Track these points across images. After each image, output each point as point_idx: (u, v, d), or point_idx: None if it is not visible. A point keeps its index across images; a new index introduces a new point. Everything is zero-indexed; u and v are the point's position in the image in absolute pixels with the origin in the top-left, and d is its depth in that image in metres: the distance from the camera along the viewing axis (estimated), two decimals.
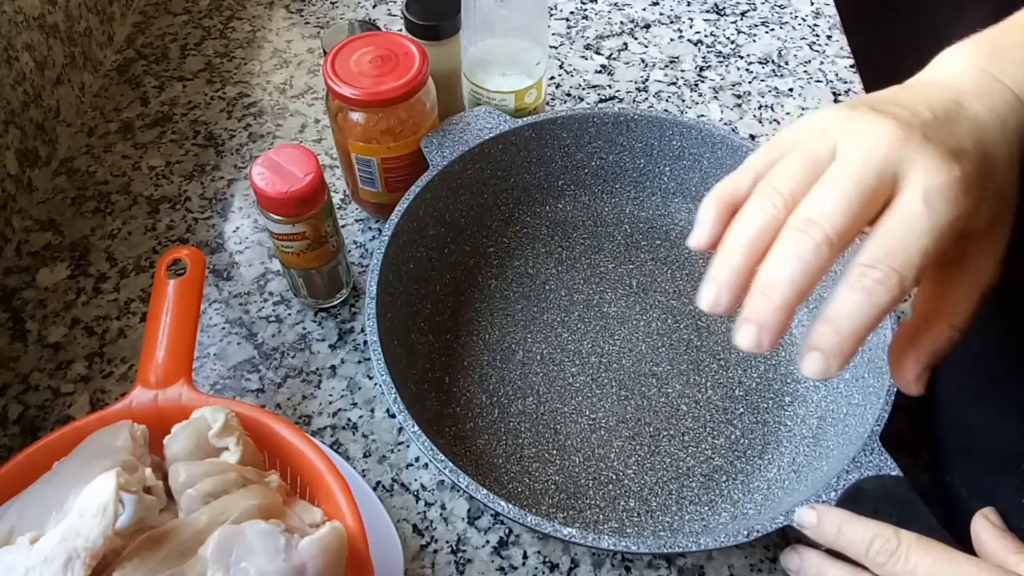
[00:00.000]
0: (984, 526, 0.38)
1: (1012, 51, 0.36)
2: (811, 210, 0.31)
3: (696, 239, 0.35)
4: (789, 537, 0.45)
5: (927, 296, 0.35)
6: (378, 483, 0.48)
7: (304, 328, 0.55)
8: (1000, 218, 0.33)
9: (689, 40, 0.75)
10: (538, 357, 0.53)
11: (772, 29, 0.75)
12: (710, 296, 0.33)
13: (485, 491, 0.40)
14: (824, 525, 0.39)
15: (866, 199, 0.30)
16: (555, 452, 0.49)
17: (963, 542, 0.38)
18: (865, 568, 0.37)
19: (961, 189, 0.30)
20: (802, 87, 0.70)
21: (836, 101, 0.69)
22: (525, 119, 0.56)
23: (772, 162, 0.34)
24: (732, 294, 0.32)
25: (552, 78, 0.71)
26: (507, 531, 0.47)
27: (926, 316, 0.34)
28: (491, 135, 0.55)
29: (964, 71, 0.36)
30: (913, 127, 0.31)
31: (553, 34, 0.75)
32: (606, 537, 0.39)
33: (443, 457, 0.41)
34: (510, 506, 0.40)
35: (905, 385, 0.35)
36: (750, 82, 0.71)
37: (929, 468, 0.48)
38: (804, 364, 0.31)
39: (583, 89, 0.70)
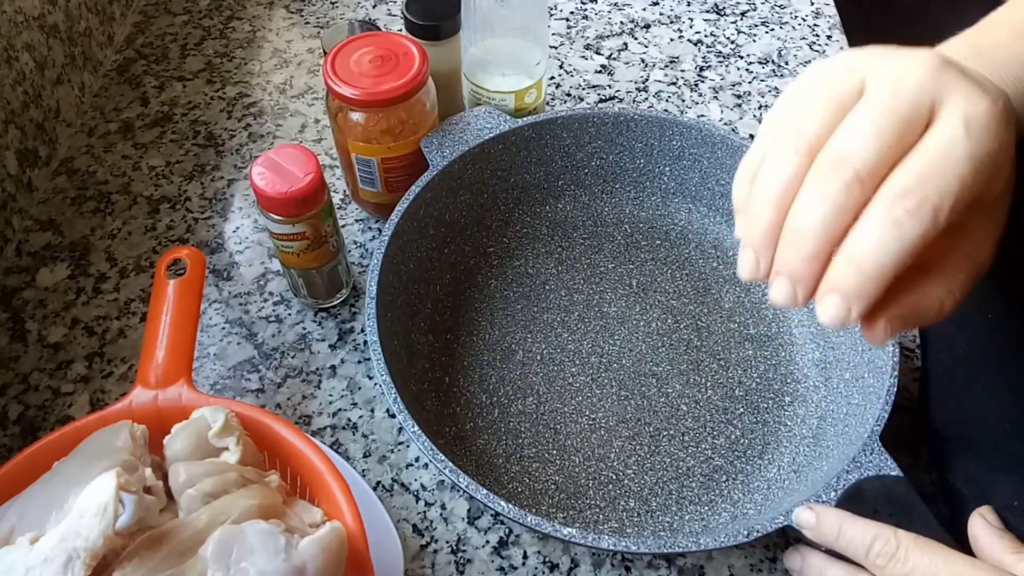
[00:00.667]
0: (981, 525, 0.38)
1: (995, 52, 0.35)
2: (838, 147, 0.28)
3: (754, 263, 0.31)
4: (789, 537, 0.45)
5: (930, 254, 0.31)
6: (378, 483, 0.48)
7: (304, 328, 0.55)
8: (1005, 195, 0.31)
9: (689, 40, 0.75)
10: (538, 357, 0.53)
11: (772, 29, 0.75)
12: (748, 263, 0.30)
13: (485, 491, 0.40)
14: (823, 526, 0.39)
15: (900, 130, 0.28)
16: (555, 452, 0.49)
17: (964, 542, 0.38)
18: (864, 568, 0.37)
19: (1003, 122, 0.28)
20: None
21: None
22: (525, 119, 0.56)
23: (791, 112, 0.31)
24: (770, 255, 0.30)
25: (552, 78, 0.71)
26: (507, 531, 0.47)
27: (926, 270, 0.31)
28: (491, 135, 0.55)
29: None
30: (950, 61, 0.29)
31: (553, 34, 0.75)
32: (606, 537, 0.39)
33: (443, 457, 0.41)
34: (510, 506, 0.40)
35: (871, 333, 0.31)
36: (750, 82, 0.71)
37: (930, 468, 0.48)
38: (821, 308, 0.28)
39: (583, 89, 0.70)
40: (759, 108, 0.69)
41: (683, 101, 0.69)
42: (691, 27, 0.76)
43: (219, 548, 0.34)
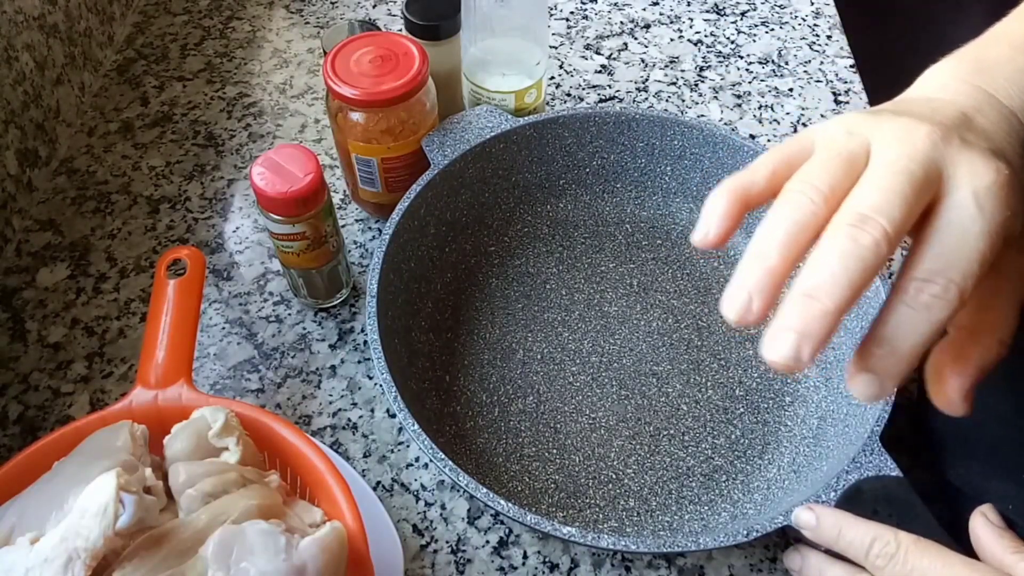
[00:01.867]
0: (982, 524, 0.38)
1: (999, 67, 0.35)
2: (862, 205, 0.28)
3: (702, 235, 0.31)
4: (789, 537, 0.45)
5: (969, 311, 0.32)
6: (378, 483, 0.48)
7: (304, 328, 0.55)
8: None
9: (689, 40, 0.75)
10: (538, 356, 0.53)
11: (772, 29, 0.75)
12: (739, 302, 0.28)
13: (485, 490, 0.40)
14: (823, 527, 0.39)
15: (918, 193, 0.28)
16: (555, 451, 0.49)
17: (964, 542, 0.38)
18: (864, 569, 0.37)
19: (1009, 188, 0.28)
20: (802, 87, 0.70)
21: (836, 101, 0.69)
22: (527, 118, 0.56)
23: (789, 159, 0.31)
24: (766, 300, 0.28)
25: (552, 78, 0.71)
26: (507, 531, 0.47)
27: (972, 331, 0.32)
28: (492, 134, 0.55)
29: (957, 87, 0.34)
30: (949, 128, 0.30)
31: (553, 34, 0.75)
32: (605, 536, 0.39)
33: (443, 456, 0.41)
34: (509, 505, 0.40)
35: (951, 405, 0.31)
36: (750, 82, 0.71)
37: (930, 468, 0.48)
38: (856, 388, 0.29)
39: (583, 89, 0.70)
40: (759, 108, 0.69)
41: (683, 101, 0.69)
42: (691, 27, 0.76)
43: (219, 548, 0.34)
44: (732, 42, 0.74)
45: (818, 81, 0.71)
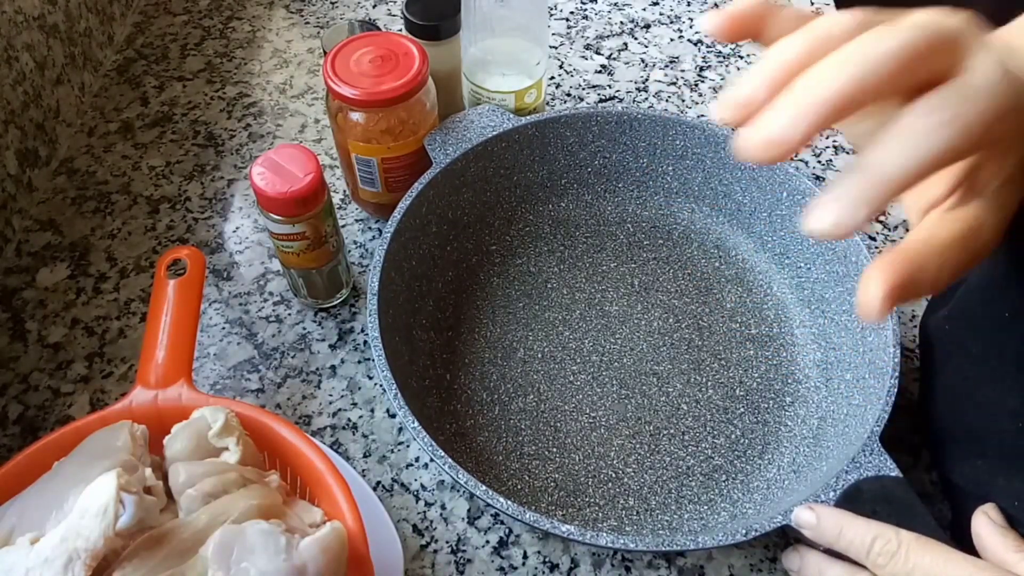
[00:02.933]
0: (985, 523, 0.38)
1: None
2: (876, 33, 0.26)
3: (715, 18, 0.29)
4: (789, 537, 0.45)
5: (917, 231, 0.31)
6: (378, 483, 0.48)
7: (304, 328, 0.55)
8: (1020, 174, 0.31)
9: (689, 40, 0.75)
10: (539, 355, 0.53)
11: None
12: (741, 91, 0.27)
13: (484, 487, 0.40)
14: (824, 526, 0.39)
15: (938, 44, 0.26)
16: (555, 450, 0.49)
17: (966, 541, 0.38)
18: (863, 567, 0.37)
19: (1020, 91, 0.27)
20: None
21: None
22: (529, 117, 0.56)
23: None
24: (770, 86, 0.26)
25: (552, 78, 0.71)
26: (507, 531, 0.47)
27: (912, 245, 0.30)
28: (495, 133, 0.55)
29: None
30: (982, 29, 0.28)
31: (553, 34, 0.75)
32: (604, 535, 0.39)
33: (443, 453, 0.41)
34: (509, 503, 0.40)
35: (865, 301, 0.28)
36: None
37: (930, 468, 0.48)
38: (815, 215, 0.26)
39: (583, 89, 0.70)
40: None
41: (683, 101, 0.69)
42: (691, 27, 0.76)
43: (220, 548, 0.34)
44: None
45: None
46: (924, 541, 0.35)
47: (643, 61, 0.72)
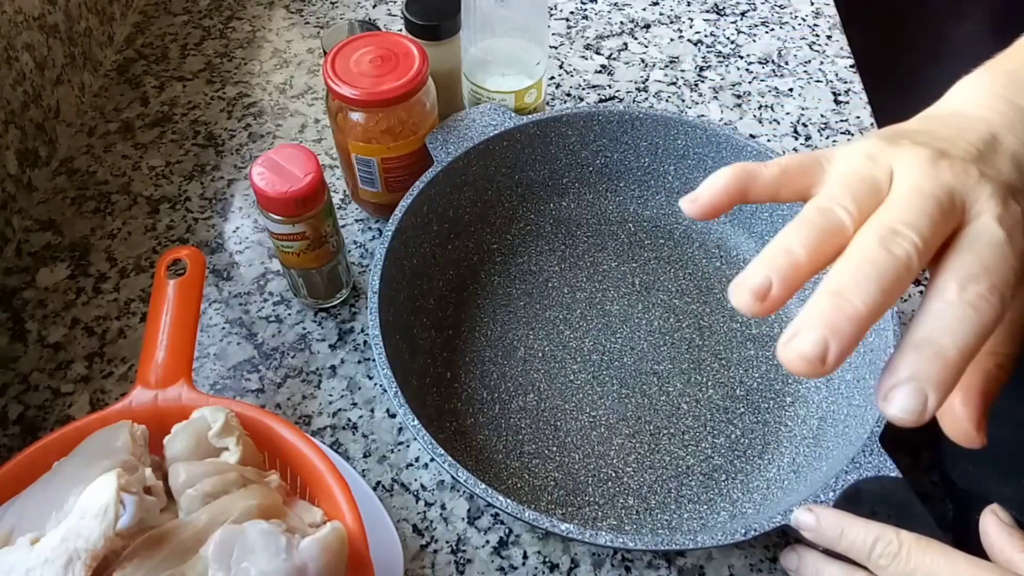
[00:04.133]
0: (993, 522, 0.38)
1: None
2: (892, 220, 0.27)
3: (691, 199, 0.30)
4: (789, 537, 0.45)
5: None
6: (378, 483, 0.48)
7: (304, 328, 0.55)
8: None
9: (689, 40, 0.75)
10: (539, 354, 0.53)
11: (772, 29, 0.75)
12: (757, 282, 0.27)
13: (484, 486, 0.40)
14: (824, 527, 0.38)
15: (945, 216, 0.27)
16: (555, 449, 0.49)
17: (969, 541, 0.38)
18: (862, 567, 0.37)
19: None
20: (802, 87, 0.70)
21: (836, 101, 0.69)
22: (530, 116, 0.56)
23: (803, 167, 0.31)
24: (785, 289, 0.26)
25: (552, 78, 0.71)
26: (507, 531, 0.47)
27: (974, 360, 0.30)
28: (496, 132, 0.55)
29: (988, 102, 0.34)
30: (967, 162, 0.29)
31: (553, 34, 0.75)
32: (604, 533, 0.39)
33: (442, 451, 0.41)
34: (508, 501, 0.40)
35: (966, 436, 0.30)
36: (750, 82, 0.71)
37: (930, 469, 0.48)
38: (895, 403, 0.25)
39: (583, 89, 0.70)
40: (759, 108, 0.68)
41: (683, 101, 0.69)
42: (691, 27, 0.76)
43: (220, 548, 0.34)
44: (732, 42, 0.74)
45: (818, 81, 0.71)
46: (925, 542, 0.35)
47: (643, 61, 0.72)
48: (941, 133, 0.31)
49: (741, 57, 0.73)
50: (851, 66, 0.72)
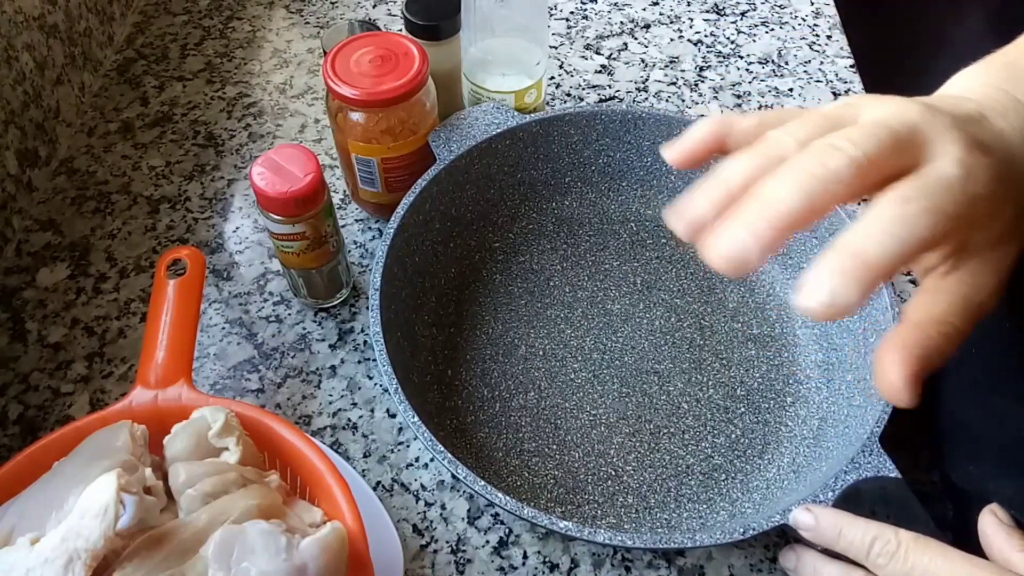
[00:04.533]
0: (991, 522, 0.38)
1: None
2: (834, 136, 0.27)
3: (672, 148, 0.32)
4: (789, 537, 0.45)
5: (918, 303, 0.32)
6: (378, 483, 0.48)
7: (304, 328, 0.55)
8: (1010, 236, 0.32)
9: (689, 40, 0.75)
10: (540, 352, 0.53)
11: (772, 29, 0.75)
12: (691, 208, 0.28)
13: (483, 483, 0.40)
14: (823, 527, 0.39)
15: (898, 145, 0.27)
16: (555, 447, 0.49)
17: (969, 541, 0.38)
18: (860, 566, 0.37)
19: (990, 174, 0.28)
20: (802, 87, 0.70)
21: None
22: (533, 115, 0.56)
23: (781, 117, 0.31)
24: (716, 209, 0.28)
25: (552, 78, 0.71)
26: (507, 531, 0.47)
27: (916, 322, 0.31)
28: (499, 131, 0.55)
29: (984, 90, 0.34)
30: (940, 111, 0.29)
31: (553, 34, 0.75)
32: (603, 531, 0.39)
33: (442, 448, 0.41)
34: (507, 498, 0.40)
35: (892, 391, 0.30)
36: (750, 82, 0.71)
37: (933, 466, 0.48)
38: (804, 291, 0.26)
39: (583, 89, 0.70)
40: (759, 108, 0.68)
41: (683, 101, 0.69)
42: (691, 27, 0.76)
43: (220, 548, 0.34)
44: (732, 42, 0.74)
45: (818, 81, 0.71)
46: (923, 541, 0.35)
47: (643, 61, 0.72)
48: (929, 100, 0.32)
49: (741, 57, 0.73)
50: (851, 66, 0.72)
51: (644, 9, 0.77)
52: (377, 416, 0.51)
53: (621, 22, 0.76)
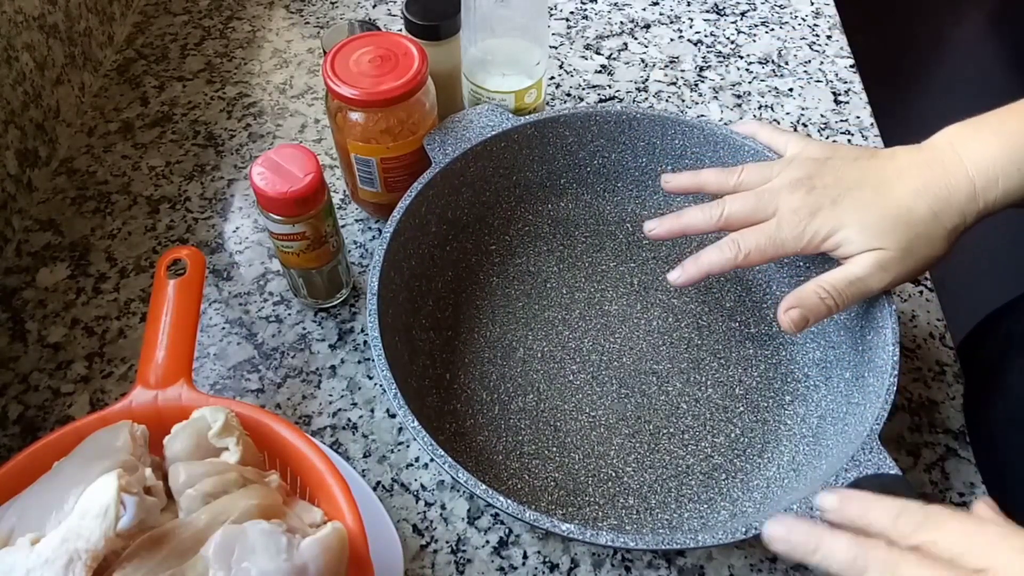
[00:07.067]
0: (986, 507, 0.37)
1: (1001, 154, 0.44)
2: (742, 239, 0.47)
3: (657, 224, 0.51)
4: None
5: (830, 277, 0.46)
6: (378, 483, 0.48)
7: (304, 328, 0.55)
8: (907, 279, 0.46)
9: (689, 40, 0.75)
10: (539, 354, 0.53)
11: (772, 29, 0.75)
12: (655, 224, 0.51)
13: (484, 487, 0.40)
14: (849, 506, 0.37)
15: (780, 254, 0.47)
16: (555, 449, 0.49)
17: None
18: (873, 537, 0.36)
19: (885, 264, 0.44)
20: (802, 87, 0.70)
21: (836, 101, 0.69)
22: (528, 117, 0.56)
23: (766, 177, 0.48)
24: (669, 234, 0.51)
25: (552, 78, 0.71)
26: (507, 531, 0.47)
27: (815, 288, 0.45)
28: (494, 133, 0.55)
29: (946, 157, 0.45)
30: (822, 189, 0.46)
31: (553, 34, 0.75)
32: (604, 533, 0.39)
33: (442, 453, 0.41)
34: (508, 501, 0.40)
35: (780, 316, 0.45)
36: (750, 82, 0.71)
37: (934, 466, 0.48)
38: (671, 276, 0.49)
39: (583, 89, 0.70)
40: (759, 108, 0.69)
41: (683, 101, 0.69)
42: (691, 27, 0.76)
43: (221, 548, 0.34)
44: (732, 42, 0.74)
45: (818, 81, 0.71)
46: (951, 510, 0.35)
47: (643, 61, 0.72)
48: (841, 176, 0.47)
49: (741, 57, 0.73)
50: (851, 66, 0.72)
51: (644, 9, 0.77)
52: (377, 416, 0.51)
53: (621, 22, 0.76)
